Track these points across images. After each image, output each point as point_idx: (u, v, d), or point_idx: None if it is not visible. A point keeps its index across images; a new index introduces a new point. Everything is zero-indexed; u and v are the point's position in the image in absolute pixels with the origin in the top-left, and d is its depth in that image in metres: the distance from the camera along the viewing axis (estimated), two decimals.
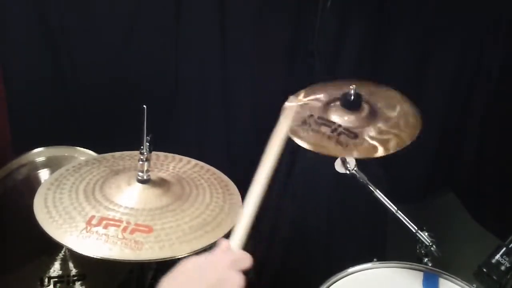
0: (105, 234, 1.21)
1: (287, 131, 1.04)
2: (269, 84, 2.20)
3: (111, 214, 1.27)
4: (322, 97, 1.68)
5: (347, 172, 1.53)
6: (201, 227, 1.28)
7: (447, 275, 1.38)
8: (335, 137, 1.52)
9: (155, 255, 1.18)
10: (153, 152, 1.36)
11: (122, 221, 1.25)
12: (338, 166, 1.54)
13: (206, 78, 2.22)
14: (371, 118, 1.60)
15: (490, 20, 2.25)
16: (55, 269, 1.68)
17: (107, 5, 2.03)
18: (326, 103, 1.66)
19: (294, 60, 2.25)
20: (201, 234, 1.25)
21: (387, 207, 1.47)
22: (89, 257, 1.18)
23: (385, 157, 1.93)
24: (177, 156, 1.58)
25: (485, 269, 1.22)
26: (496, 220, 2.25)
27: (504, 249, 1.22)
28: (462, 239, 2.30)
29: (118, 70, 2.10)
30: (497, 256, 1.22)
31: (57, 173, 1.44)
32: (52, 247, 1.66)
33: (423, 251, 1.44)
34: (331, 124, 1.56)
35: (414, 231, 1.44)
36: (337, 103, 1.63)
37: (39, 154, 1.78)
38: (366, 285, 1.37)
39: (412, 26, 2.26)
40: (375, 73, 2.29)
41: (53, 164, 1.74)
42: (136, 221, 1.26)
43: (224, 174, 1.52)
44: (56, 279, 1.67)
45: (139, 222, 1.25)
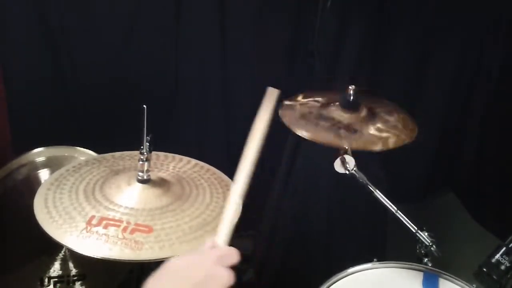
0: (105, 234, 1.21)
1: (268, 117, 1.02)
2: (269, 84, 2.19)
3: (111, 214, 1.27)
4: (321, 99, 1.68)
5: (347, 172, 1.52)
6: (201, 227, 1.28)
7: (447, 275, 1.38)
8: (334, 130, 1.52)
9: (155, 255, 1.18)
10: (153, 152, 1.36)
11: (122, 221, 1.25)
12: (337, 166, 1.53)
13: (206, 78, 2.22)
14: (370, 118, 1.60)
15: (490, 20, 2.25)
16: (55, 269, 1.68)
17: (107, 5, 2.04)
18: (325, 104, 1.66)
19: (294, 60, 2.25)
20: (201, 234, 1.25)
21: (387, 207, 1.47)
22: (89, 257, 1.18)
23: (385, 156, 1.94)
24: (177, 156, 1.58)
25: (485, 269, 1.22)
26: (496, 220, 2.25)
27: (504, 249, 1.22)
28: (462, 239, 2.30)
29: (118, 70, 2.11)
30: (497, 256, 1.22)
31: (57, 173, 1.44)
32: (52, 247, 1.67)
33: (423, 251, 1.44)
34: (330, 120, 1.57)
35: (414, 231, 1.44)
36: (336, 103, 1.63)
37: (39, 154, 1.78)
38: (366, 285, 1.36)
39: (412, 26, 2.26)
40: (375, 73, 2.29)
41: (53, 164, 1.74)
42: (136, 221, 1.26)
43: (224, 174, 1.52)
44: (56, 279, 1.67)
45: (139, 222, 1.25)
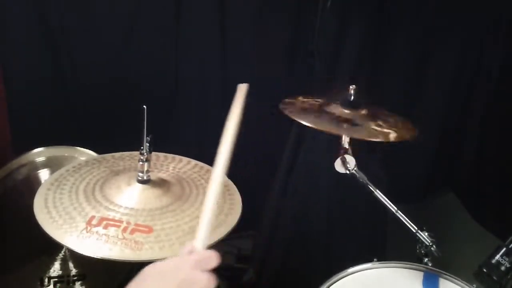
0: (105, 234, 1.21)
1: (240, 113, 1.01)
2: (269, 84, 2.20)
3: (111, 214, 1.27)
4: (321, 100, 1.69)
5: (347, 172, 1.52)
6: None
7: (447, 275, 1.38)
8: (335, 122, 1.53)
9: (155, 255, 1.18)
10: (153, 153, 1.36)
11: (122, 221, 1.25)
12: (338, 166, 1.54)
13: (206, 78, 2.22)
14: (371, 116, 1.60)
15: (490, 20, 2.25)
16: (55, 269, 1.68)
17: (107, 5, 2.03)
18: (325, 103, 1.66)
19: (294, 60, 2.25)
20: None
21: (387, 207, 1.47)
22: (89, 257, 1.18)
23: (385, 156, 1.94)
24: (177, 157, 1.58)
25: (485, 269, 1.22)
26: (496, 220, 2.24)
27: (504, 249, 1.22)
28: (462, 239, 2.29)
29: (118, 70, 2.10)
30: (497, 256, 1.22)
31: (57, 173, 1.44)
32: (52, 247, 1.67)
33: (423, 251, 1.44)
34: (331, 115, 1.57)
35: (414, 231, 1.44)
36: (336, 102, 1.63)
37: (39, 154, 1.78)
38: (366, 285, 1.36)
39: (412, 26, 2.26)
40: (375, 73, 2.29)
41: (53, 164, 1.74)
42: (136, 221, 1.26)
43: (224, 174, 1.52)
44: (56, 279, 1.67)
45: (139, 222, 1.26)
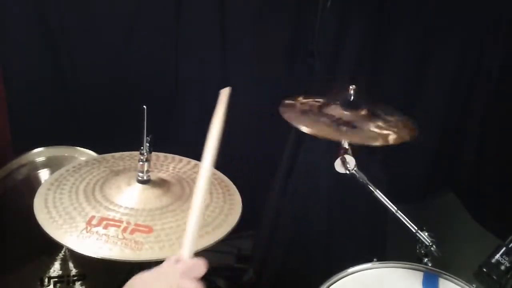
0: (105, 234, 1.21)
1: (222, 117, 1.02)
2: (269, 84, 2.20)
3: (111, 214, 1.27)
4: (321, 100, 1.69)
5: (347, 172, 1.52)
6: (201, 227, 1.27)
7: (447, 275, 1.38)
8: (334, 125, 1.52)
9: (155, 255, 1.18)
10: (153, 153, 1.36)
11: (122, 222, 1.25)
12: (338, 166, 1.54)
13: (206, 78, 2.22)
14: (371, 117, 1.60)
15: (490, 20, 2.25)
16: (55, 269, 1.68)
17: (107, 5, 2.03)
18: (325, 103, 1.66)
19: (294, 60, 2.25)
20: (201, 234, 1.25)
21: (387, 207, 1.47)
22: (89, 257, 1.18)
23: (385, 157, 1.93)
24: (177, 157, 1.58)
25: (485, 269, 1.22)
26: (496, 220, 2.24)
27: (504, 249, 1.22)
28: (462, 239, 2.29)
29: (118, 70, 2.10)
30: (497, 256, 1.22)
31: (57, 173, 1.44)
32: (52, 247, 1.67)
33: (423, 251, 1.44)
34: (330, 117, 1.57)
35: (414, 231, 1.44)
36: (336, 102, 1.63)
37: (39, 154, 1.78)
38: (366, 285, 1.36)
39: (412, 26, 2.26)
40: (375, 73, 2.29)
41: (53, 164, 1.74)
42: (136, 221, 1.26)
43: (224, 174, 1.52)
44: (56, 279, 1.67)
45: (139, 222, 1.26)
